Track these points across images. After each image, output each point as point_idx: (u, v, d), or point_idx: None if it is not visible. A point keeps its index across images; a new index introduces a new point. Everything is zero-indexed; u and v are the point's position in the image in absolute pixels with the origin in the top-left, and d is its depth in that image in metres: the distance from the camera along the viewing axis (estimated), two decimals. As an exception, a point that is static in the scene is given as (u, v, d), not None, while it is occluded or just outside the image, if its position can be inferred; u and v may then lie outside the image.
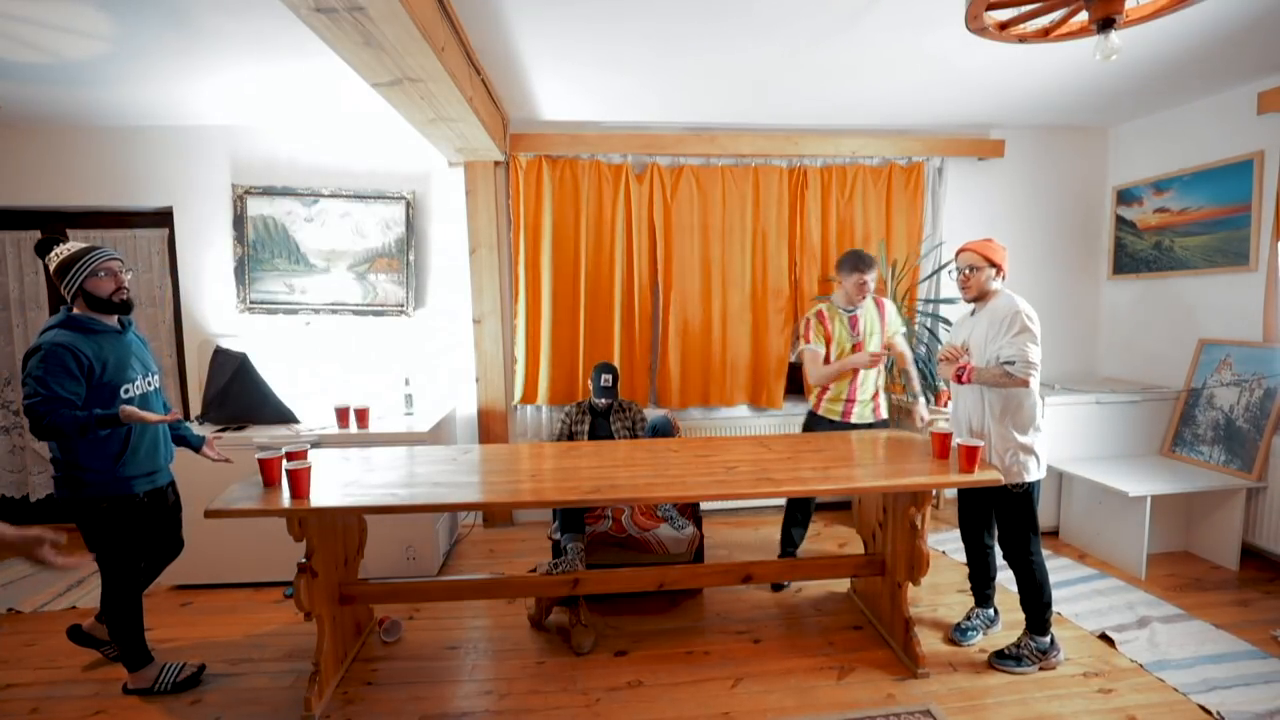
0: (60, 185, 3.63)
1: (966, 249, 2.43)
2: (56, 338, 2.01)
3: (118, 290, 2.13)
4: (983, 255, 2.39)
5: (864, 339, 2.97)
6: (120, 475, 2.15)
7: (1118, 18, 1.77)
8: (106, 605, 2.25)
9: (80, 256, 2.08)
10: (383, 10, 1.77)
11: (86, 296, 2.10)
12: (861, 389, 3.01)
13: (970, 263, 2.41)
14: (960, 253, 2.46)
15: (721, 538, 3.71)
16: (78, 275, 2.07)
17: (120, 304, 2.15)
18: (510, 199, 3.78)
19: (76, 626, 2.48)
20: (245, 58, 2.74)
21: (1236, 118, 3.34)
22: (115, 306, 2.14)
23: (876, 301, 3.06)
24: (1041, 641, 2.42)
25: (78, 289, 2.08)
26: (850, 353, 2.97)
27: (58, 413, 1.94)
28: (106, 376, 2.08)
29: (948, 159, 4.03)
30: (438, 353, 3.87)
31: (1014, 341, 2.27)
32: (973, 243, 2.44)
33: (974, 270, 2.40)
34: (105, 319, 2.15)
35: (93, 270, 2.08)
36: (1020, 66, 3.01)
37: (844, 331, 2.98)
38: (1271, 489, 3.10)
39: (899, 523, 2.48)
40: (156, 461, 2.28)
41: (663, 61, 2.88)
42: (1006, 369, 2.27)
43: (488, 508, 3.74)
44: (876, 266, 2.97)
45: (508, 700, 2.27)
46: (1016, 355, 2.25)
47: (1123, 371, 4.09)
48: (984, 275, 2.39)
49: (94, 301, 2.11)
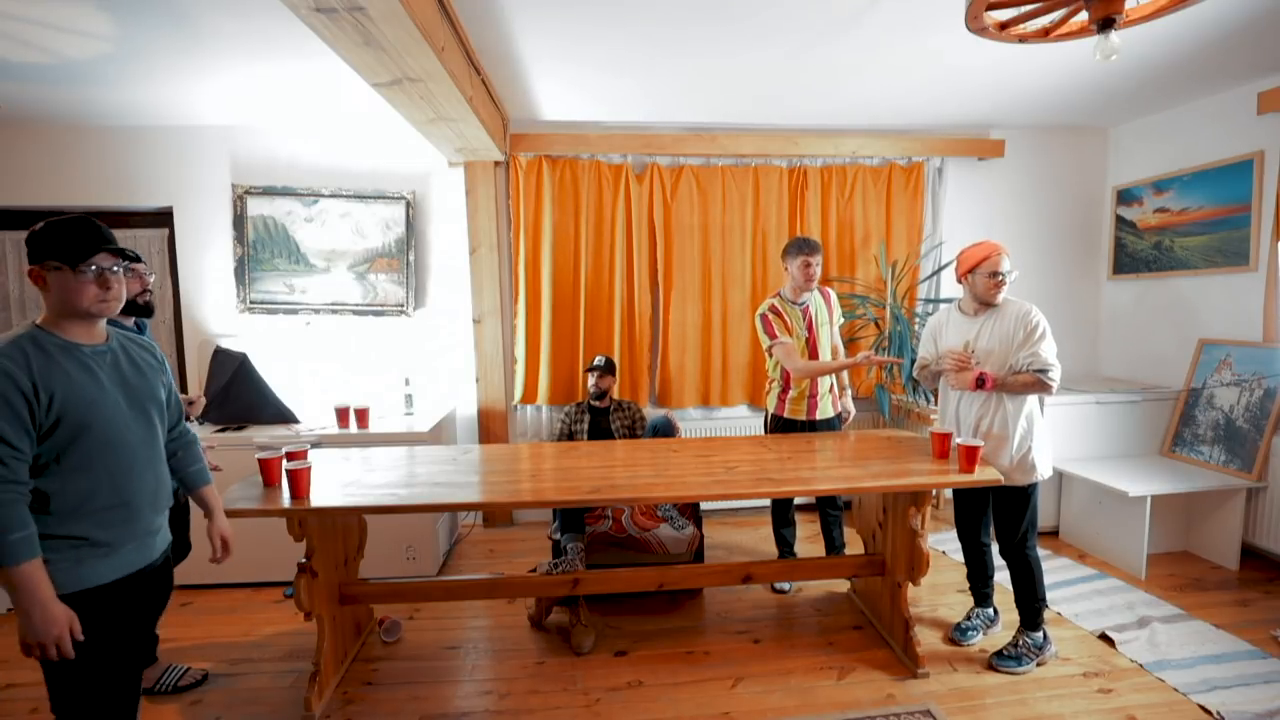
0: (60, 185, 3.63)
1: (1000, 250, 2.32)
2: None
3: (142, 293, 2.19)
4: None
5: (816, 331, 2.96)
6: None
7: (1118, 18, 1.77)
8: None
9: None
10: (383, 10, 1.77)
11: None
12: (822, 381, 3.00)
13: (1011, 266, 2.33)
14: (990, 256, 2.33)
15: (721, 538, 3.72)
16: None
17: (142, 306, 2.20)
18: (510, 199, 3.78)
19: None
20: (245, 58, 2.74)
21: (1236, 118, 3.34)
22: (138, 309, 2.19)
23: (822, 292, 3.06)
24: (1035, 637, 2.42)
25: None
26: (805, 347, 2.93)
27: None
28: None
29: (948, 159, 4.03)
30: (438, 353, 3.87)
31: (1042, 349, 2.27)
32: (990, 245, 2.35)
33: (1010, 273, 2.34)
34: (124, 320, 2.18)
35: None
36: (1020, 66, 3.01)
37: (798, 325, 2.95)
38: (1271, 489, 3.10)
39: (899, 523, 2.48)
40: None
41: (663, 63, 2.88)
42: (1040, 377, 2.26)
43: (488, 508, 3.74)
44: (821, 253, 2.95)
45: (508, 700, 2.27)
46: (1049, 363, 2.26)
47: (1123, 371, 4.10)
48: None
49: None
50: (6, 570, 1.28)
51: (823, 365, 2.90)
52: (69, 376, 1.37)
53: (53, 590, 1.32)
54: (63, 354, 1.39)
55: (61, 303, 1.40)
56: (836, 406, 3.08)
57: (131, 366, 1.53)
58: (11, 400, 1.29)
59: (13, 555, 1.27)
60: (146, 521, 1.52)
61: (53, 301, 1.41)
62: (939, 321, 2.59)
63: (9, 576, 1.28)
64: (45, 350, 1.37)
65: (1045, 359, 2.27)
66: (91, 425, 1.38)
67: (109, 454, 1.42)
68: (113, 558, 1.44)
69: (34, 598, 1.29)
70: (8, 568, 1.27)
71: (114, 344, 1.52)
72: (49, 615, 1.31)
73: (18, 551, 1.28)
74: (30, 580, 1.29)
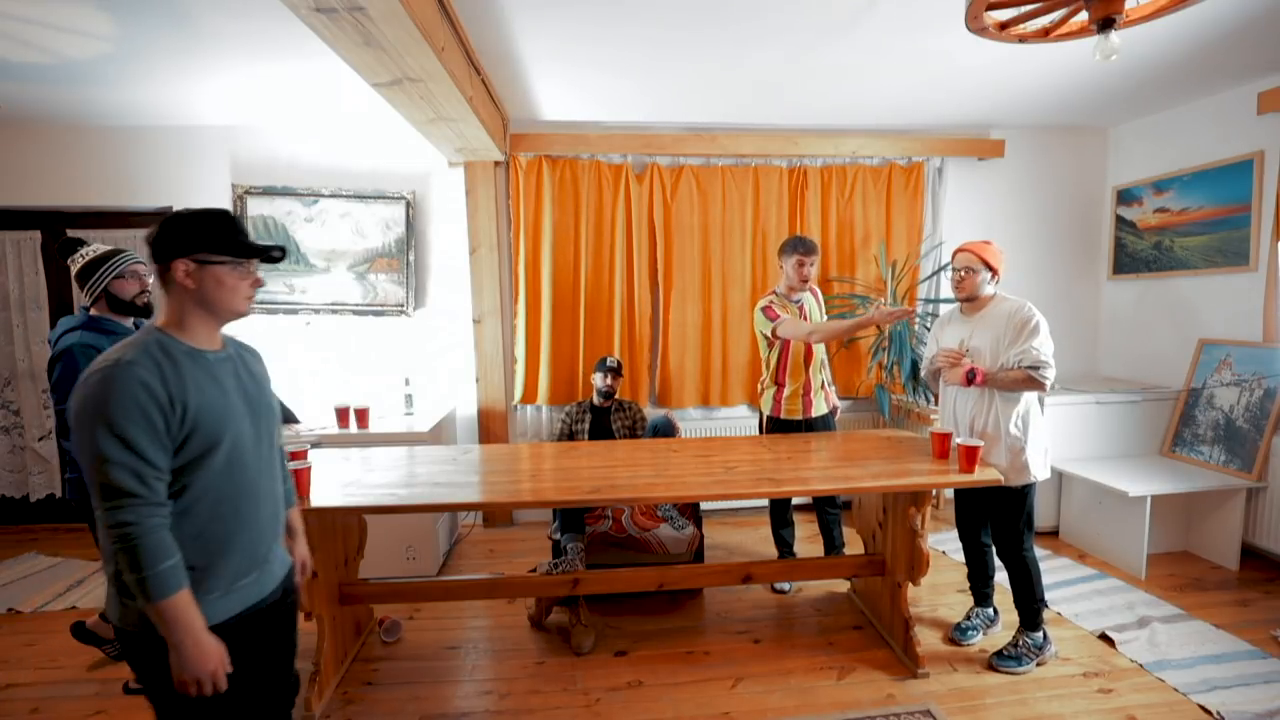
0: (60, 185, 3.63)
1: (965, 249, 2.42)
2: (81, 339, 2.04)
3: (141, 293, 2.18)
4: (980, 257, 2.38)
5: None
6: None
7: (1118, 18, 1.77)
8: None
9: (109, 258, 2.13)
10: (383, 10, 1.77)
11: (109, 298, 2.13)
12: (814, 377, 3.00)
13: (967, 264, 2.40)
14: (958, 253, 2.45)
15: (721, 538, 3.72)
16: (104, 276, 2.11)
17: (141, 307, 2.19)
18: (510, 199, 3.78)
19: (80, 624, 2.48)
20: (245, 58, 2.74)
21: (1236, 118, 3.34)
22: (136, 309, 2.18)
23: (813, 292, 3.07)
24: (1035, 637, 2.42)
25: (102, 290, 2.12)
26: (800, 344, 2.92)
27: None
28: None
29: (948, 159, 4.03)
30: (438, 353, 3.87)
31: (1034, 346, 2.27)
32: (971, 244, 2.43)
33: (970, 272, 2.39)
34: (122, 320, 2.18)
35: (120, 272, 2.13)
36: (1020, 66, 3.01)
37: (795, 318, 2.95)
38: (1271, 489, 3.10)
39: (899, 523, 2.48)
40: None
41: (663, 63, 2.88)
42: (1031, 374, 2.26)
43: (488, 508, 3.74)
44: (818, 253, 2.95)
45: (508, 700, 2.27)
46: (1040, 360, 2.26)
47: (1123, 371, 4.10)
48: (979, 278, 2.39)
49: (115, 303, 2.14)
50: (157, 605, 1.13)
51: (835, 325, 2.85)
52: (200, 387, 1.21)
53: (203, 620, 1.18)
54: (190, 361, 1.23)
55: (209, 301, 1.25)
56: (830, 402, 3.09)
57: (249, 376, 1.37)
58: (150, 413, 1.13)
59: (164, 587, 1.12)
60: (266, 548, 1.36)
61: (189, 301, 1.25)
62: (942, 321, 2.63)
63: (159, 611, 1.13)
64: (173, 357, 1.20)
65: (1037, 355, 2.26)
66: (221, 441, 1.23)
67: (235, 473, 1.26)
68: (232, 592, 1.28)
69: (187, 629, 1.15)
70: (159, 602, 1.12)
71: (232, 350, 1.36)
72: (202, 648, 1.16)
73: (168, 582, 1.13)
74: (183, 612, 1.15)
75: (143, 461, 1.12)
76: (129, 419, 1.11)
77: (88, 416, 1.11)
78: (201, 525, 1.23)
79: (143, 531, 1.11)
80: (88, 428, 1.11)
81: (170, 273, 1.23)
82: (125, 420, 1.11)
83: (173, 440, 1.17)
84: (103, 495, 1.11)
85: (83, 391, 1.13)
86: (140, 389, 1.13)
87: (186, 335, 1.26)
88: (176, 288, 1.24)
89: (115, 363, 1.14)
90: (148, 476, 1.13)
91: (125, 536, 1.11)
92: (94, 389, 1.12)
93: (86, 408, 1.12)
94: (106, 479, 1.10)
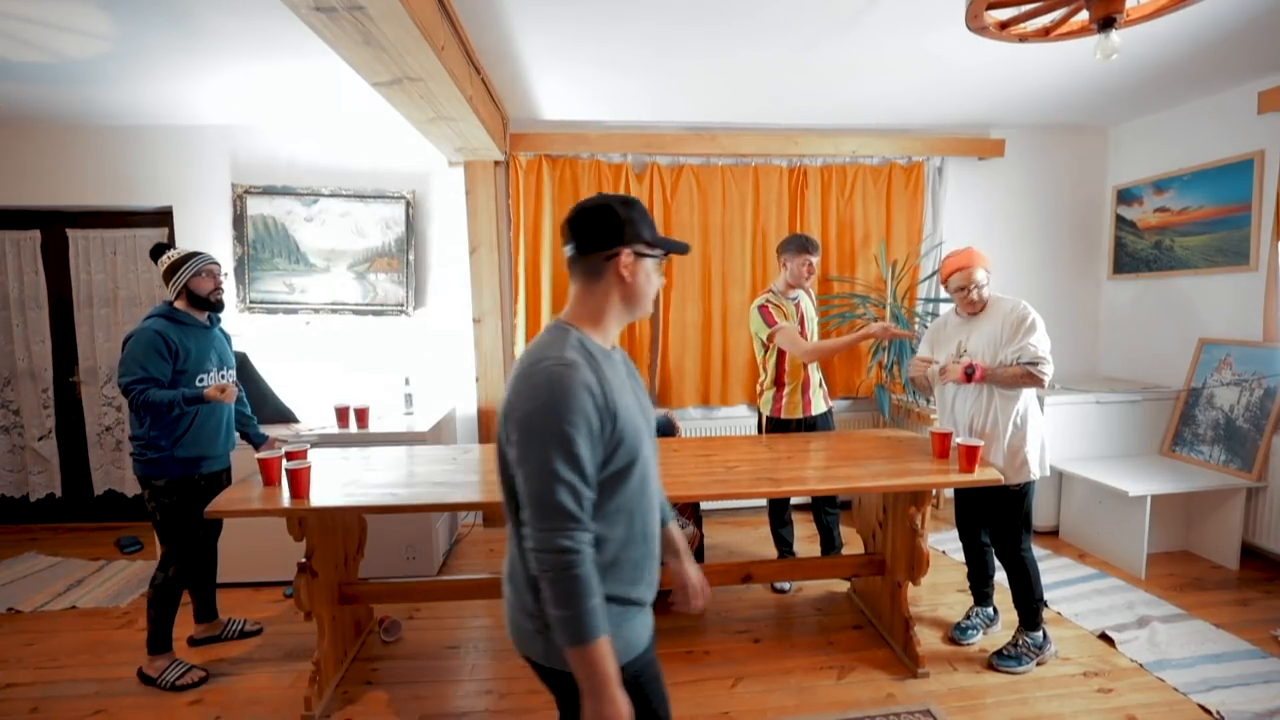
0: (60, 185, 3.63)
1: (959, 267, 2.36)
2: (154, 325, 2.28)
3: (215, 290, 2.42)
4: (984, 267, 2.37)
5: (806, 325, 2.97)
6: (180, 456, 2.32)
7: (1118, 17, 1.77)
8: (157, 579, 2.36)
9: (189, 258, 2.38)
10: (382, 9, 1.77)
11: (189, 294, 2.38)
12: (813, 375, 3.00)
13: (972, 280, 2.35)
14: (952, 272, 2.38)
15: (721, 538, 3.72)
16: (185, 274, 2.35)
17: (215, 302, 2.43)
18: (510, 198, 3.78)
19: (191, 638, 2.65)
20: (245, 57, 2.74)
21: (1236, 118, 3.34)
22: (210, 304, 2.41)
23: (806, 290, 3.07)
24: (1035, 636, 2.42)
25: (183, 286, 2.36)
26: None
27: (150, 389, 2.20)
28: (189, 363, 2.32)
29: (948, 159, 4.03)
30: (438, 353, 3.87)
31: (1031, 342, 2.26)
32: (958, 257, 2.38)
33: (978, 287, 2.35)
34: (197, 314, 2.41)
35: (198, 271, 2.37)
36: (1020, 66, 3.01)
37: (792, 319, 2.94)
38: (1271, 489, 3.10)
39: (899, 522, 2.47)
40: (217, 447, 2.45)
41: (663, 62, 2.88)
42: (1030, 370, 2.26)
43: (488, 507, 3.72)
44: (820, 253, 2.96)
45: (508, 700, 2.27)
46: (1038, 356, 2.25)
47: (1123, 371, 4.10)
48: (986, 289, 2.38)
49: (194, 299, 2.39)
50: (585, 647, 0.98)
51: (831, 343, 2.88)
52: (620, 391, 1.08)
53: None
54: (606, 363, 1.10)
55: (637, 296, 1.13)
56: (828, 401, 3.09)
57: (634, 380, 1.21)
58: (591, 421, 1.00)
59: (596, 627, 0.99)
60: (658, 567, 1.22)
61: (617, 294, 1.12)
62: (939, 324, 2.61)
63: (584, 654, 0.99)
64: (594, 358, 1.07)
65: (1035, 351, 2.26)
66: (640, 452, 1.10)
67: (645, 487, 1.13)
68: (643, 615, 1.14)
69: (608, 677, 1.00)
70: (589, 644, 0.98)
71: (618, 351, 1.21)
72: (618, 704, 1.02)
73: (599, 621, 0.99)
74: (607, 656, 1.00)
75: (582, 479, 1.01)
76: (576, 429, 0.99)
77: (541, 420, 0.99)
78: (620, 546, 1.09)
79: (582, 560, 0.99)
80: (539, 438, 0.99)
81: (608, 262, 1.10)
82: (574, 431, 0.99)
83: (605, 451, 1.05)
84: (542, 514, 0.99)
85: (533, 397, 1.01)
86: (585, 393, 1.01)
87: (599, 334, 1.14)
88: (606, 280, 1.11)
89: (559, 361, 1.02)
90: (584, 496, 1.01)
91: (566, 565, 0.98)
92: (545, 393, 1.00)
93: (541, 412, 1.00)
94: (552, 497, 0.99)
